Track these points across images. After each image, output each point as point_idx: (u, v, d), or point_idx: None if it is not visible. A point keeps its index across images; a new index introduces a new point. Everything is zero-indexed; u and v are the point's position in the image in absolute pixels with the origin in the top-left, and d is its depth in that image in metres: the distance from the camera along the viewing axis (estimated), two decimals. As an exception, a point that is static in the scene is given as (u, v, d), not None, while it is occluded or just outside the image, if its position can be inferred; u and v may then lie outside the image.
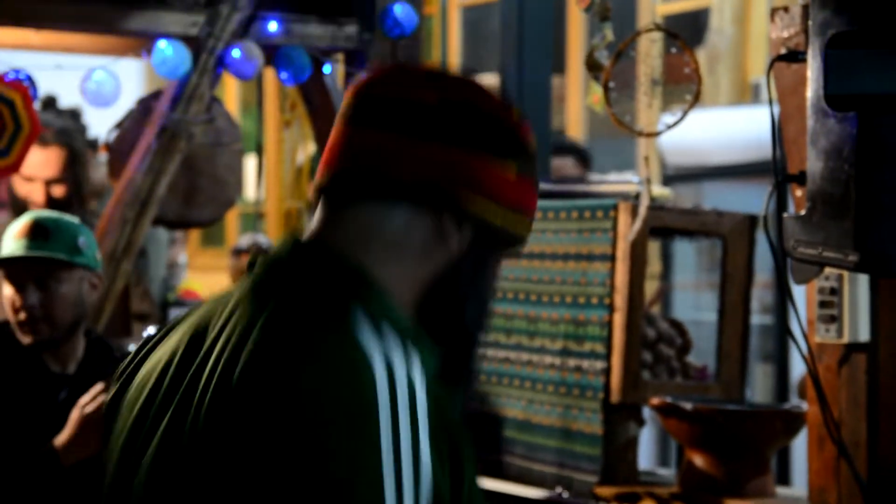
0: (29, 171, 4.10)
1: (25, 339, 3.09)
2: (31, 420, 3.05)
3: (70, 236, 3.10)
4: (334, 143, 1.49)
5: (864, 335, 3.00)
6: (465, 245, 1.46)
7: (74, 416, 2.97)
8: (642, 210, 3.30)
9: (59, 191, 4.18)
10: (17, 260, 3.06)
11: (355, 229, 1.44)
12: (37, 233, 3.06)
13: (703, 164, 7.09)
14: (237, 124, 4.52)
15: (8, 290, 3.09)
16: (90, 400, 2.97)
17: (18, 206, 4.14)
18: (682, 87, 3.57)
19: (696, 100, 3.39)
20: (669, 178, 7.16)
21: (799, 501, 3.16)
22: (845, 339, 3.01)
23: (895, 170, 2.64)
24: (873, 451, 2.97)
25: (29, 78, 3.86)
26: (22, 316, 3.06)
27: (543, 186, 3.89)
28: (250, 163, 6.47)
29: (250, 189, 7.30)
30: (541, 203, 3.61)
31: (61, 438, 2.97)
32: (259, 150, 6.60)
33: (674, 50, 3.53)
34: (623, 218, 3.37)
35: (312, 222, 1.49)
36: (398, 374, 1.32)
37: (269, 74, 4.64)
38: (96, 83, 3.92)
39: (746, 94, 8.08)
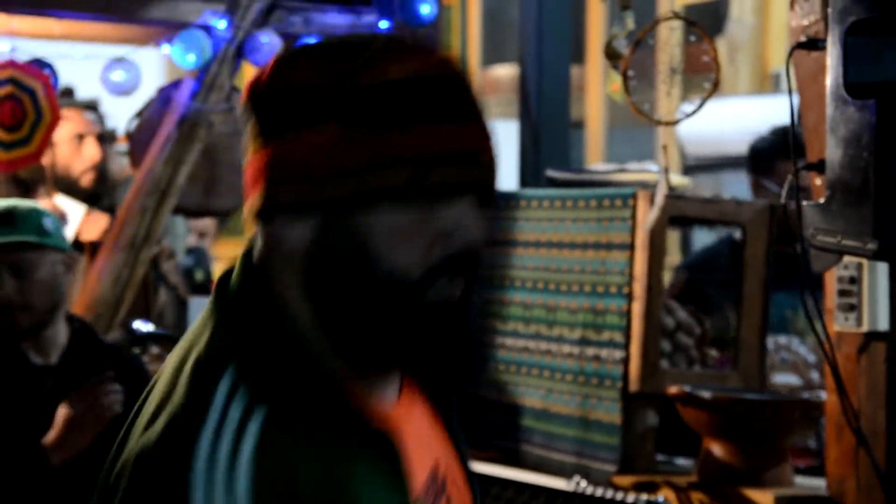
0: (78, 129, 4.15)
1: (5, 329, 3.02)
2: (16, 416, 3.00)
3: (34, 219, 3.04)
4: None
5: (883, 324, 3.00)
6: (324, 233, 1.35)
7: (61, 413, 2.92)
8: (660, 199, 3.30)
9: (104, 149, 4.24)
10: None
11: (260, 252, 1.41)
12: (4, 221, 3.01)
13: (722, 154, 7.07)
14: (257, 113, 4.53)
15: None
16: (77, 397, 2.93)
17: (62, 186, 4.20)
18: (701, 75, 3.57)
19: (715, 88, 3.39)
20: (689, 168, 7.15)
21: (818, 490, 3.16)
22: (864, 327, 3.00)
23: (915, 158, 2.64)
24: (892, 441, 2.97)
25: (50, 67, 3.88)
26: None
27: (563, 175, 3.89)
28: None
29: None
30: (559, 192, 3.64)
31: (49, 437, 2.92)
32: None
33: (693, 39, 3.52)
34: (642, 207, 3.37)
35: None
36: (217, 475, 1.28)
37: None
38: (117, 72, 3.94)
39: (767, 84, 8.06)
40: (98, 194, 4.36)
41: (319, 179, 1.33)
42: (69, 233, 4.01)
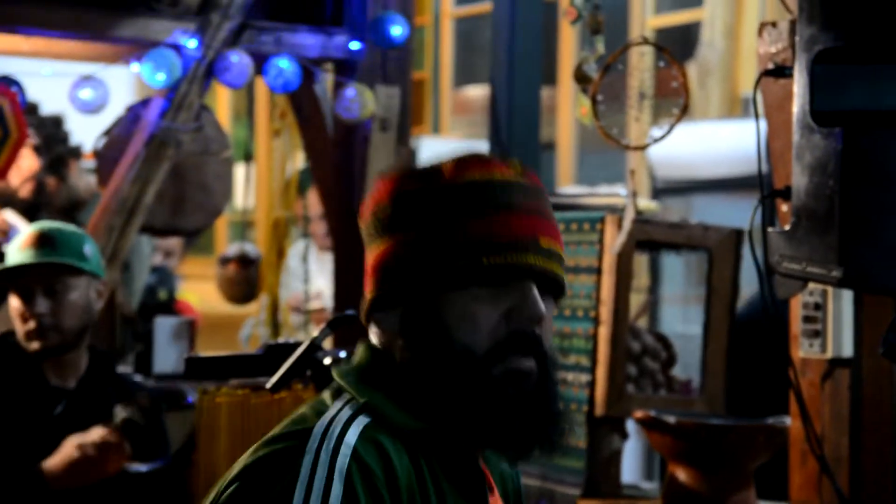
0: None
1: (34, 346, 3.06)
2: (24, 433, 3.03)
3: (76, 244, 3.10)
4: None
5: (847, 351, 3.01)
6: (409, 318, 1.58)
7: (72, 446, 2.96)
8: (627, 223, 3.31)
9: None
10: (26, 268, 3.05)
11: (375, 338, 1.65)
12: (44, 242, 3.06)
13: (692, 177, 7.09)
14: (226, 133, 4.52)
15: (15, 301, 3.08)
16: (83, 447, 2.97)
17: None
18: (671, 100, 3.58)
19: (684, 113, 3.40)
20: (659, 191, 7.16)
21: (781, 515, 3.16)
22: (829, 354, 3.01)
23: (879, 186, 2.64)
24: (856, 467, 2.98)
25: (18, 84, 3.86)
26: (31, 324, 3.04)
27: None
28: (240, 171, 6.47)
29: (239, 198, 7.30)
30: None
31: (52, 462, 2.96)
32: (249, 159, 6.61)
33: (662, 64, 3.54)
34: (610, 231, 3.37)
35: None
36: (321, 464, 1.50)
37: (261, 83, 4.65)
38: (85, 90, 3.92)
39: (737, 108, 8.09)
40: (37, 205, 4.34)
41: (403, 275, 1.57)
42: None
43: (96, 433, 2.98)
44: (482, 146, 5.27)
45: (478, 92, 10.65)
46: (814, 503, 3.03)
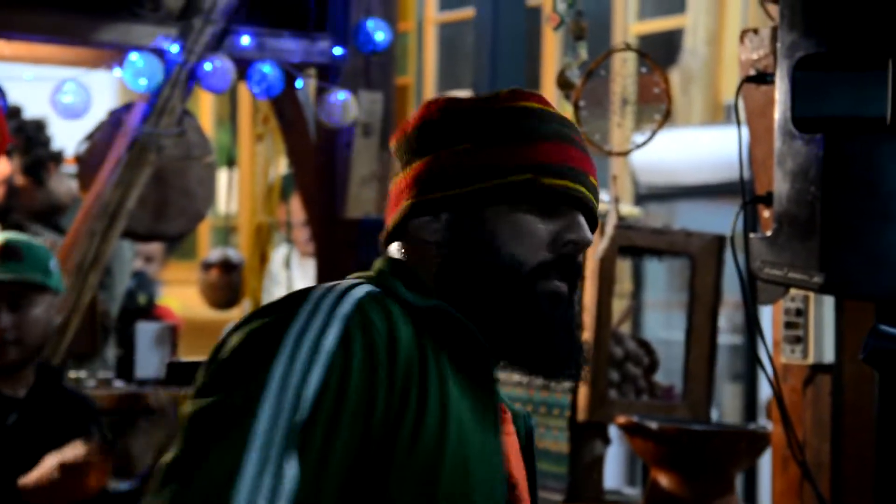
0: None
1: None
2: None
3: (42, 259, 3.06)
4: None
5: (829, 356, 3.01)
6: (455, 226, 1.60)
7: (53, 464, 2.89)
8: (610, 229, 3.31)
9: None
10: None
11: (400, 255, 1.66)
12: (9, 254, 3.02)
13: (675, 183, 7.10)
14: (208, 138, 4.51)
15: None
16: (76, 458, 2.89)
17: None
18: (653, 106, 3.59)
19: (666, 119, 3.41)
20: (642, 197, 7.17)
21: (763, 521, 3.16)
22: (810, 360, 3.01)
23: (861, 192, 2.65)
24: (837, 473, 2.98)
25: (-1, 88, 3.84)
26: None
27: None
28: (223, 176, 6.46)
29: (222, 203, 7.29)
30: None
31: (31, 480, 2.90)
32: (231, 164, 6.60)
33: (644, 70, 3.54)
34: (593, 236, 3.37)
35: None
36: (316, 319, 1.50)
37: (244, 88, 4.64)
38: (66, 95, 3.91)
39: (719, 115, 8.10)
40: (8, 209, 4.32)
41: (455, 183, 1.60)
42: None
43: (77, 451, 2.90)
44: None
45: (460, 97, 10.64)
46: (795, 509, 3.03)
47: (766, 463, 3.52)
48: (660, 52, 8.42)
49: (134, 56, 4.02)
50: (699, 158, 7.04)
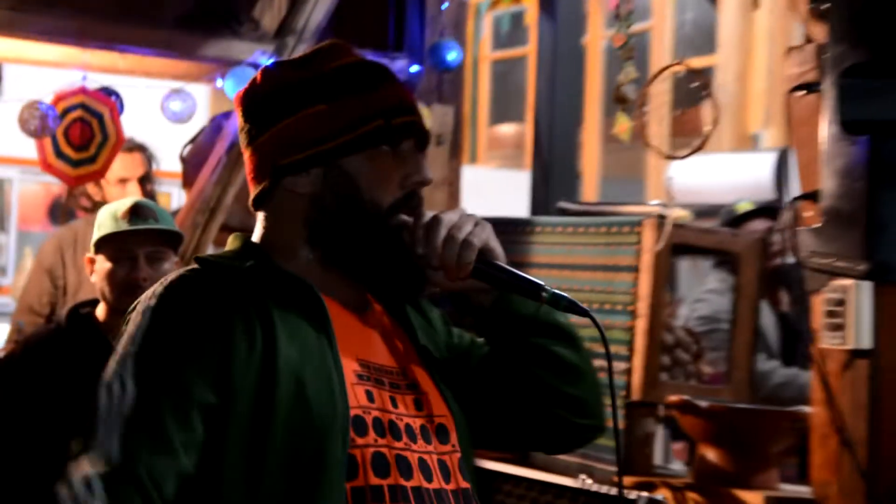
0: (122, 173, 4.10)
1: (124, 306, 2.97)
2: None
3: (170, 219, 3.00)
4: None
5: (866, 343, 2.98)
6: (323, 179, 1.66)
7: None
8: (668, 225, 3.29)
9: (149, 188, 4.19)
10: (137, 233, 2.87)
11: (262, 225, 1.73)
12: (146, 213, 2.91)
13: (708, 203, 7.08)
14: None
15: (106, 264, 2.90)
16: None
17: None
18: (689, 138, 3.57)
19: (715, 126, 3.37)
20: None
21: (803, 493, 3.13)
22: (849, 345, 2.98)
23: (902, 188, 2.64)
24: (873, 448, 2.94)
25: (117, 95, 3.88)
26: (133, 287, 2.81)
27: (574, 206, 3.89)
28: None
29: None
30: (572, 219, 3.63)
31: None
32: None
33: (679, 112, 3.54)
34: (648, 233, 3.36)
35: None
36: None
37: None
38: (175, 102, 3.94)
39: (747, 144, 8.07)
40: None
41: (318, 141, 1.65)
42: None
43: None
44: (521, 177, 5.28)
45: (510, 129, 10.65)
46: (833, 481, 2.99)
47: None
48: (692, 87, 8.40)
49: (234, 70, 4.05)
50: (729, 181, 7.02)
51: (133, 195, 4.00)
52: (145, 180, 4.20)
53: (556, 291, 1.69)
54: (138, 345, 1.58)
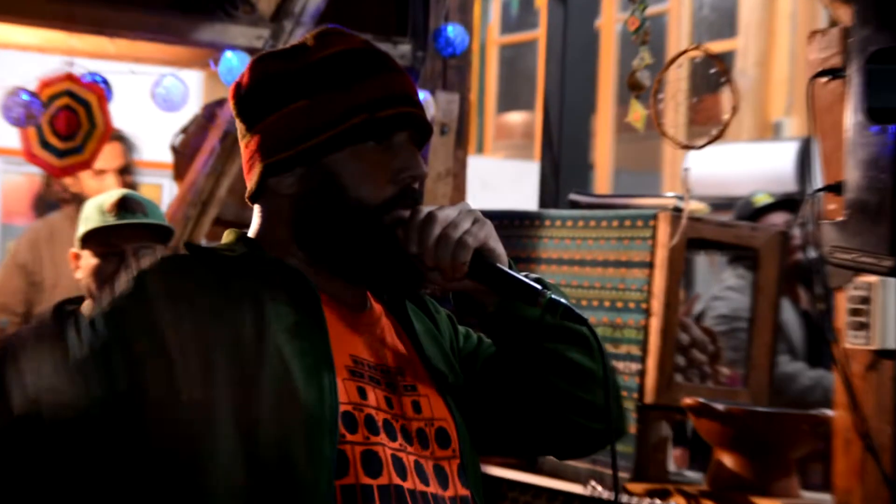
0: (99, 164, 4.03)
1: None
2: None
3: (160, 213, 2.94)
4: None
5: (891, 342, 2.91)
6: (306, 178, 1.62)
7: None
8: (684, 219, 3.23)
9: (129, 179, 4.13)
10: (125, 227, 2.83)
11: (256, 223, 1.70)
12: (134, 206, 2.86)
13: (726, 194, 7.01)
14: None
15: (92, 260, 2.86)
16: None
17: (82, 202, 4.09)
18: (703, 128, 3.52)
19: (734, 114, 3.30)
20: (693, 208, 7.07)
21: (824, 501, 3.06)
22: (874, 345, 2.92)
23: (932, 180, 2.57)
24: (899, 455, 2.88)
25: (105, 82, 3.82)
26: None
27: (586, 199, 3.82)
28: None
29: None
30: (583, 212, 3.57)
31: None
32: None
33: (695, 100, 3.48)
34: (662, 227, 3.29)
35: None
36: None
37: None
38: (165, 89, 3.88)
39: (768, 132, 8.00)
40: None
41: (300, 140, 1.60)
42: None
43: None
44: (530, 168, 5.21)
45: (519, 118, 10.59)
46: (857, 489, 2.93)
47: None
48: (711, 73, 8.34)
49: (229, 55, 3.99)
50: (748, 172, 6.96)
51: (111, 187, 3.94)
52: (125, 171, 4.14)
53: (554, 297, 1.61)
54: (115, 304, 1.53)
